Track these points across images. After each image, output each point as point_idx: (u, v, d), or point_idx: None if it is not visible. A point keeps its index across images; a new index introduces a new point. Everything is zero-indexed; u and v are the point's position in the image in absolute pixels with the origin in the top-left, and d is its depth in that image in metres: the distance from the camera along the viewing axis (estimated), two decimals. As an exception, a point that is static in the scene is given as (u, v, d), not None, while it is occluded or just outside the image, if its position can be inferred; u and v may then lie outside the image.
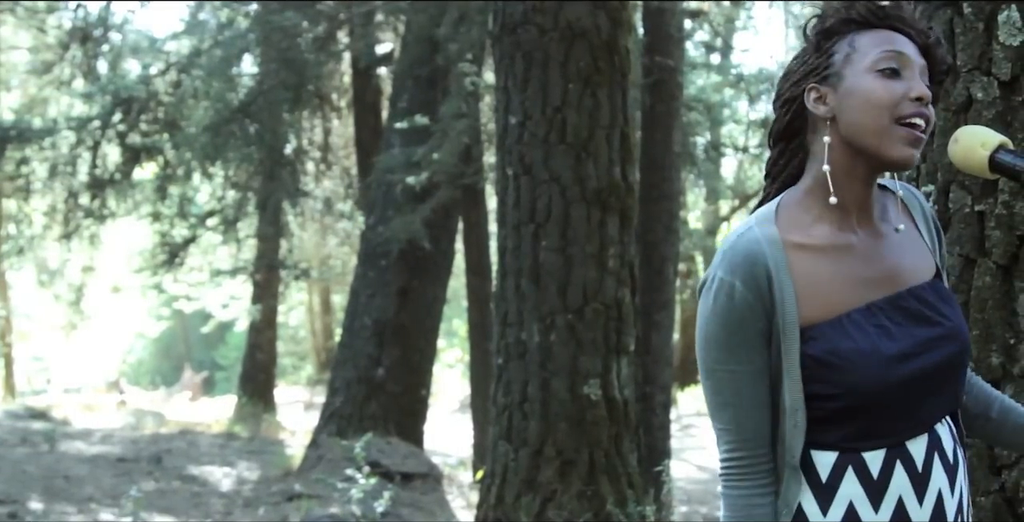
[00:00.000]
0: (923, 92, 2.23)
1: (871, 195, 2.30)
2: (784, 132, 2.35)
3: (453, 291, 19.79)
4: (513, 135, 7.55)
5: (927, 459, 2.24)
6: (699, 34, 19.04)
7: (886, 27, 2.29)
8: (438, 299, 13.51)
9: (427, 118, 11.88)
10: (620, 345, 7.41)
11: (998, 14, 3.19)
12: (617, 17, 7.64)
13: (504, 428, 7.40)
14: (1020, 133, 3.12)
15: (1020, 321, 3.09)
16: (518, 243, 7.46)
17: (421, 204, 12.18)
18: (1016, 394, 3.07)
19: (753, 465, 2.24)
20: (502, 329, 7.50)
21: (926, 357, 2.23)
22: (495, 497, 7.34)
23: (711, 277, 2.24)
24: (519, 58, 7.56)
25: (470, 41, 11.92)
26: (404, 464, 11.17)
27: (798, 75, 2.33)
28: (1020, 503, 3.04)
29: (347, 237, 21.30)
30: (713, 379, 2.25)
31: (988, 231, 3.14)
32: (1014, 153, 2.29)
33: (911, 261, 2.34)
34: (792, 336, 2.20)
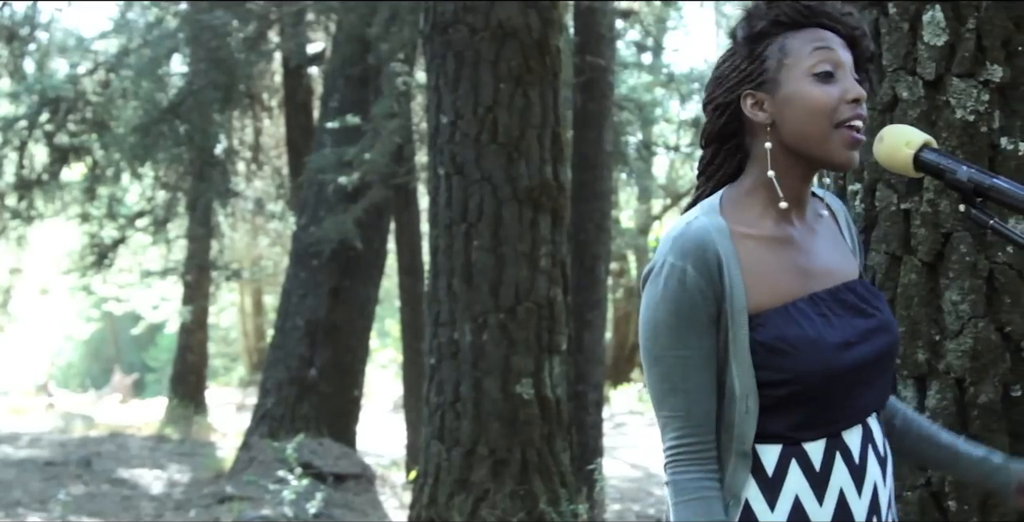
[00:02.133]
0: (859, 93, 2.27)
1: (808, 190, 2.36)
2: (718, 134, 2.38)
3: (386, 291, 19.76)
4: (444, 135, 7.54)
5: (862, 451, 2.29)
6: (630, 34, 19.12)
7: (813, 25, 2.32)
8: (370, 299, 13.48)
9: (359, 118, 11.86)
10: (552, 344, 7.42)
11: (923, 14, 3.22)
12: (548, 17, 7.64)
13: (437, 428, 7.38)
14: (944, 132, 3.15)
15: (945, 318, 3.13)
16: (450, 243, 7.45)
17: (353, 204, 12.15)
18: (942, 390, 3.11)
19: (703, 451, 2.25)
20: (434, 329, 7.49)
21: (865, 347, 2.28)
22: (428, 497, 7.33)
23: (660, 263, 2.25)
24: (450, 57, 7.55)
25: (401, 40, 11.90)
26: (337, 465, 11.13)
27: (732, 81, 2.34)
28: (946, 497, 3.08)
29: (279, 237, 21.20)
30: (662, 365, 2.25)
31: (914, 229, 3.18)
32: (938, 152, 2.32)
33: (840, 259, 2.40)
34: (741, 322, 2.23)
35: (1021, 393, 3.09)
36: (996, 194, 2.23)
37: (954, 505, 3.07)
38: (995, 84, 3.16)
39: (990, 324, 3.10)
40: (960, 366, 3.10)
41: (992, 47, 3.17)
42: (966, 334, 3.10)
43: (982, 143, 3.14)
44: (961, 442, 2.57)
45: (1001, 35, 3.18)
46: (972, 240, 3.12)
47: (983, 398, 3.08)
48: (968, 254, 3.12)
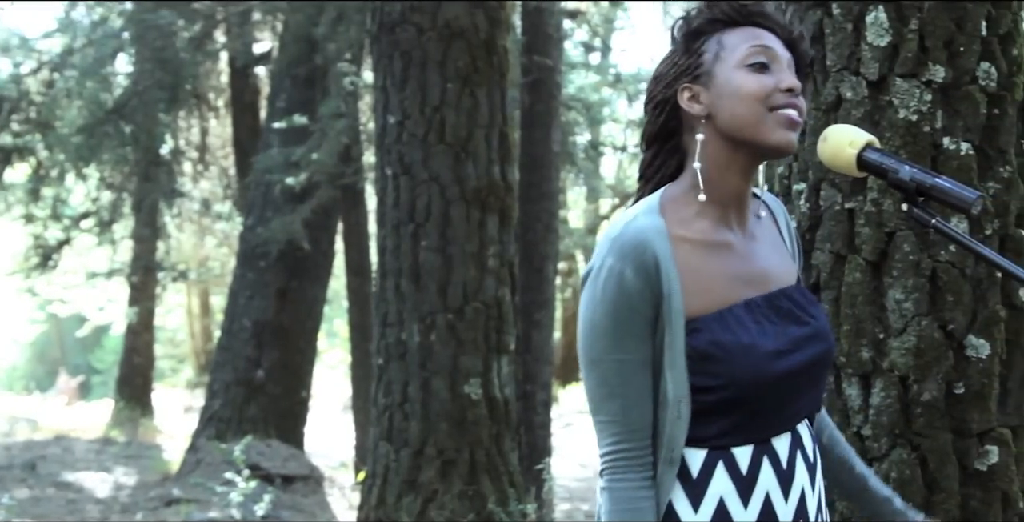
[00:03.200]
0: (793, 83, 2.28)
1: (748, 189, 2.35)
2: (658, 134, 2.38)
3: (334, 292, 19.70)
4: (392, 135, 7.52)
5: (791, 457, 2.30)
6: (578, 34, 19.15)
7: (750, 24, 2.33)
8: (318, 300, 13.44)
9: (306, 118, 11.82)
10: (500, 344, 7.42)
11: (866, 15, 3.24)
12: (495, 17, 7.64)
13: (385, 429, 7.37)
14: (888, 132, 3.18)
15: (889, 316, 3.16)
16: (398, 243, 7.44)
17: (300, 204, 12.11)
18: (886, 388, 3.13)
19: (639, 457, 2.24)
20: (382, 329, 7.47)
21: (798, 355, 2.28)
22: (376, 498, 7.31)
23: (599, 265, 2.24)
24: (397, 57, 7.53)
25: (348, 40, 11.88)
26: (285, 466, 11.09)
27: (669, 77, 2.35)
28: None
29: (225, 238, 21.08)
30: (599, 369, 2.24)
31: (858, 228, 3.20)
32: (881, 152, 2.34)
33: (779, 264, 2.40)
34: (677, 326, 2.22)
35: (964, 390, 3.12)
36: (938, 193, 2.25)
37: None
38: (937, 84, 3.19)
39: (933, 322, 3.13)
40: (904, 364, 3.12)
41: (934, 48, 3.20)
42: (910, 332, 3.13)
43: (925, 143, 3.17)
44: (872, 476, 2.61)
45: (943, 36, 3.20)
46: (915, 239, 3.14)
47: (926, 395, 3.11)
48: (911, 253, 3.14)
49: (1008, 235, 3.23)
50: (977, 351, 3.14)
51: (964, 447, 3.12)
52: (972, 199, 2.22)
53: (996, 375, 3.16)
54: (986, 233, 3.18)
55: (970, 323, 3.14)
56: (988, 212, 3.18)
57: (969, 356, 3.14)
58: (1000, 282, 3.18)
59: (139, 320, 19.36)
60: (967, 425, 3.12)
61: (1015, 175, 3.26)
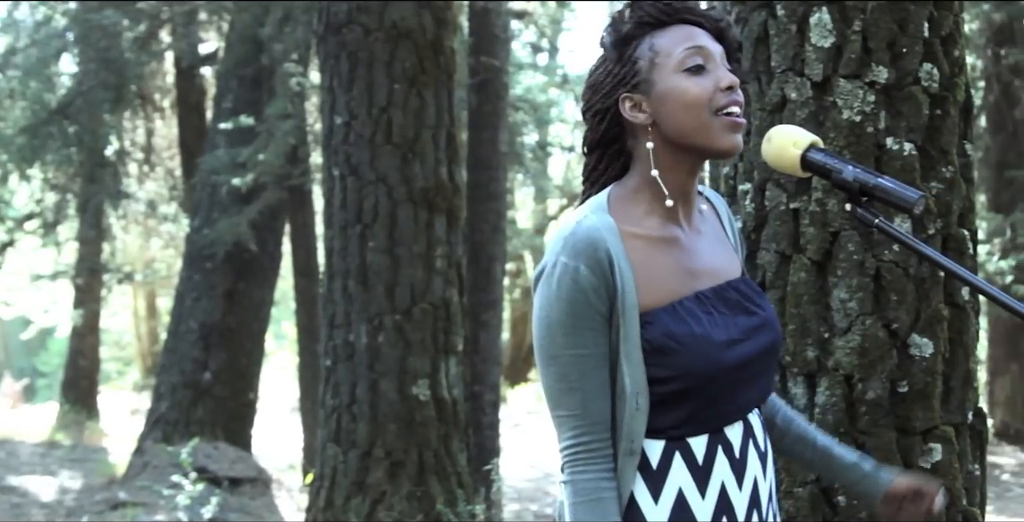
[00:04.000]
0: (732, 81, 2.30)
1: (694, 185, 2.38)
2: (600, 140, 2.40)
3: (282, 293, 19.59)
4: (339, 135, 7.50)
5: (743, 446, 2.34)
6: (525, 35, 19.16)
7: (678, 22, 2.34)
8: (265, 302, 13.37)
9: (252, 118, 11.77)
10: (448, 345, 7.41)
11: (810, 16, 3.27)
12: (442, 17, 7.64)
13: (333, 430, 7.35)
14: (832, 132, 3.20)
15: (834, 315, 3.18)
16: (345, 244, 7.41)
17: (247, 206, 12.04)
18: (831, 387, 3.15)
19: (600, 449, 2.26)
20: (330, 331, 7.45)
21: (749, 344, 2.32)
22: (324, 500, 7.29)
23: (552, 263, 2.26)
24: (344, 58, 7.51)
25: (295, 41, 11.83)
26: (232, 469, 11.02)
27: (607, 86, 2.36)
28: (835, 493, 3.13)
29: (172, 239, 20.92)
30: (557, 365, 2.26)
31: (803, 228, 3.22)
32: (825, 152, 2.36)
33: (724, 258, 2.44)
34: (632, 320, 2.25)
35: (908, 389, 3.15)
36: (881, 193, 2.27)
37: (843, 501, 3.12)
38: (881, 85, 3.22)
39: (877, 321, 3.15)
40: (848, 363, 3.15)
41: (877, 49, 3.22)
42: (854, 331, 3.15)
43: (868, 143, 3.19)
44: (836, 445, 2.64)
45: (886, 37, 3.23)
46: (860, 239, 3.16)
47: (871, 394, 3.13)
48: (856, 253, 3.17)
49: (951, 234, 3.26)
50: (921, 350, 3.16)
51: (908, 445, 3.15)
52: (914, 199, 2.24)
53: (939, 373, 3.18)
54: (929, 233, 3.21)
55: (914, 322, 3.17)
56: (931, 212, 3.21)
57: (913, 355, 3.16)
58: (943, 281, 3.21)
59: (84, 322, 19.18)
60: (911, 423, 3.15)
61: (957, 175, 3.29)
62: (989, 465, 13.81)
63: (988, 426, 3.45)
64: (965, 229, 3.30)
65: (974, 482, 3.28)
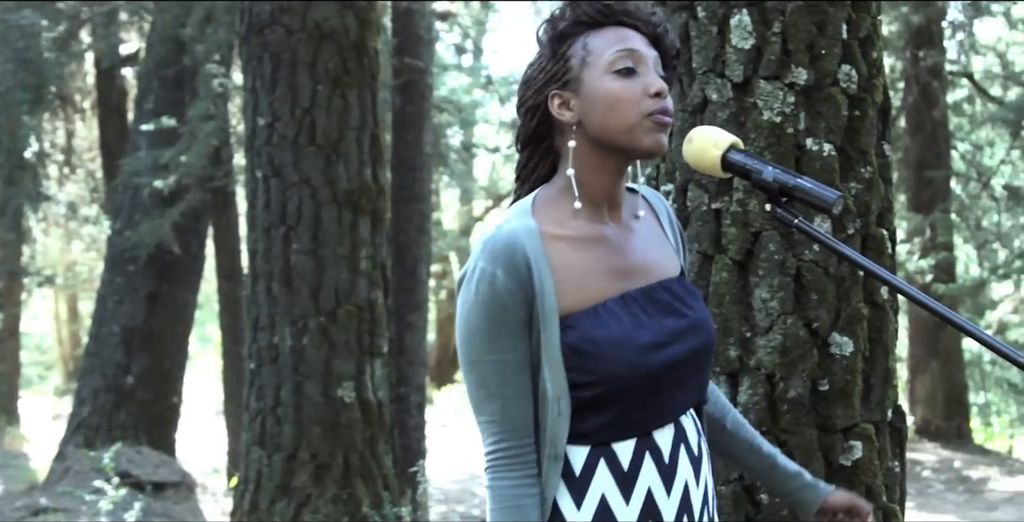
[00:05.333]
0: (660, 86, 2.30)
1: (621, 186, 2.37)
2: (531, 137, 2.39)
3: (205, 296, 19.44)
4: (262, 137, 7.46)
5: (673, 450, 2.32)
6: (450, 36, 19.16)
7: (615, 23, 2.34)
8: (189, 304, 13.25)
9: (174, 120, 11.65)
10: (373, 347, 7.39)
11: (730, 18, 3.29)
12: (365, 18, 7.62)
13: (257, 433, 7.30)
14: (752, 133, 3.22)
15: (755, 315, 3.20)
16: (269, 246, 7.37)
17: (170, 208, 11.93)
18: (753, 385, 3.17)
19: (521, 455, 2.25)
20: (254, 333, 7.40)
21: (676, 347, 2.31)
22: (249, 504, 7.24)
23: (471, 268, 2.25)
24: (267, 59, 7.47)
25: (217, 42, 11.73)
26: (156, 473, 10.92)
27: (539, 82, 2.35)
28: (758, 491, 3.15)
29: (93, 242, 20.72)
30: (477, 370, 2.26)
31: (724, 228, 3.24)
32: (745, 153, 2.37)
33: (659, 257, 2.42)
34: (552, 324, 2.24)
35: (828, 387, 3.18)
36: (800, 194, 2.28)
37: (766, 498, 3.14)
38: (800, 86, 3.24)
39: (798, 320, 3.18)
40: (770, 362, 3.17)
41: (797, 50, 3.25)
42: (775, 330, 3.17)
43: (788, 144, 3.22)
44: (779, 455, 2.65)
45: (805, 39, 3.26)
46: (780, 239, 3.19)
47: (792, 393, 3.16)
48: (777, 252, 3.19)
49: (870, 234, 3.29)
50: (841, 348, 3.20)
51: (829, 443, 3.18)
52: (833, 199, 2.26)
53: (859, 372, 3.22)
54: (848, 232, 3.25)
55: (834, 321, 3.20)
56: (850, 212, 3.25)
57: (833, 353, 3.19)
58: (863, 280, 3.24)
59: (4, 326, 18.93)
60: (832, 421, 3.18)
61: (876, 175, 3.32)
62: (910, 462, 14.01)
63: (908, 423, 3.49)
64: (884, 229, 3.34)
65: (894, 479, 3.32)
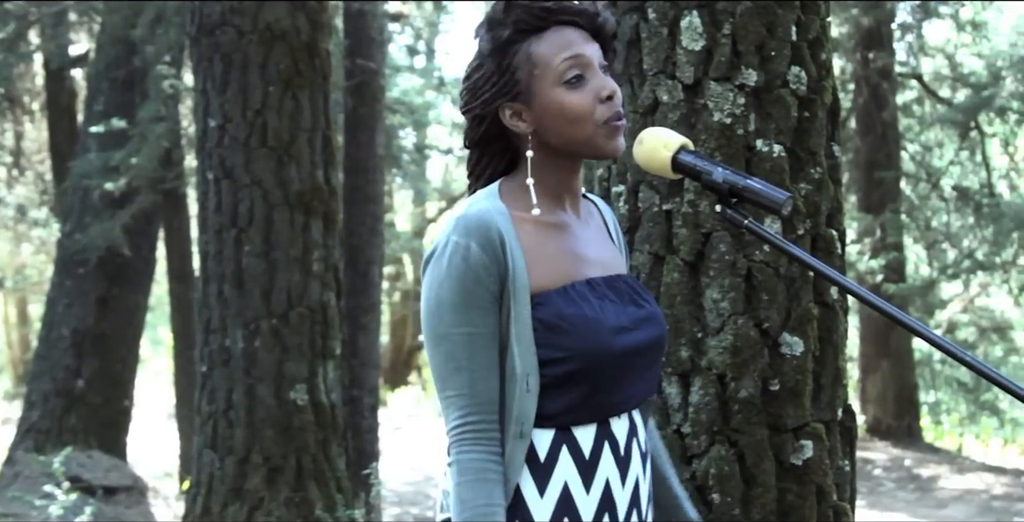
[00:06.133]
0: (611, 89, 2.32)
1: (578, 180, 2.41)
2: (481, 140, 2.40)
3: (157, 298, 19.32)
4: (213, 138, 7.41)
5: (628, 444, 2.35)
6: (402, 37, 19.12)
7: (555, 24, 2.34)
8: (140, 307, 13.16)
9: (125, 121, 11.57)
10: (326, 349, 7.36)
11: (681, 20, 3.30)
12: (317, 19, 7.59)
13: (209, 437, 7.26)
14: (703, 134, 3.24)
15: (706, 315, 3.21)
16: (220, 248, 7.33)
17: (120, 210, 11.84)
18: (704, 386, 3.19)
19: (488, 430, 2.26)
20: (205, 336, 7.36)
21: (638, 334, 2.34)
22: (201, 507, 7.20)
23: (443, 242, 2.26)
24: (218, 60, 7.43)
25: (168, 42, 11.66)
26: (107, 478, 10.85)
27: (486, 93, 2.35)
28: (710, 490, 3.16)
29: (43, 245, 20.54)
30: (446, 344, 2.26)
31: (675, 229, 3.26)
32: (695, 154, 2.38)
33: (611, 254, 2.46)
34: (523, 301, 2.26)
35: (779, 387, 3.20)
36: (750, 195, 2.30)
37: (718, 498, 3.16)
38: (750, 88, 3.26)
39: (749, 321, 3.20)
40: (721, 362, 3.18)
41: (747, 52, 3.27)
42: (727, 331, 3.19)
43: (739, 145, 3.24)
44: (685, 500, 2.66)
45: (755, 40, 3.28)
46: (731, 239, 3.21)
47: (743, 393, 3.17)
48: (727, 253, 3.21)
49: (819, 234, 3.32)
50: (791, 348, 3.22)
51: (780, 442, 3.20)
52: (782, 200, 2.27)
53: (810, 371, 3.24)
54: (798, 233, 3.27)
55: (784, 321, 3.22)
56: (800, 212, 3.26)
57: (784, 353, 3.21)
58: (813, 281, 3.26)
59: (-48, 330, 18.77)
60: (782, 421, 3.20)
61: (825, 176, 3.35)
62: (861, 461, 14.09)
63: (858, 423, 3.52)
64: (833, 229, 3.36)
65: (844, 478, 3.34)
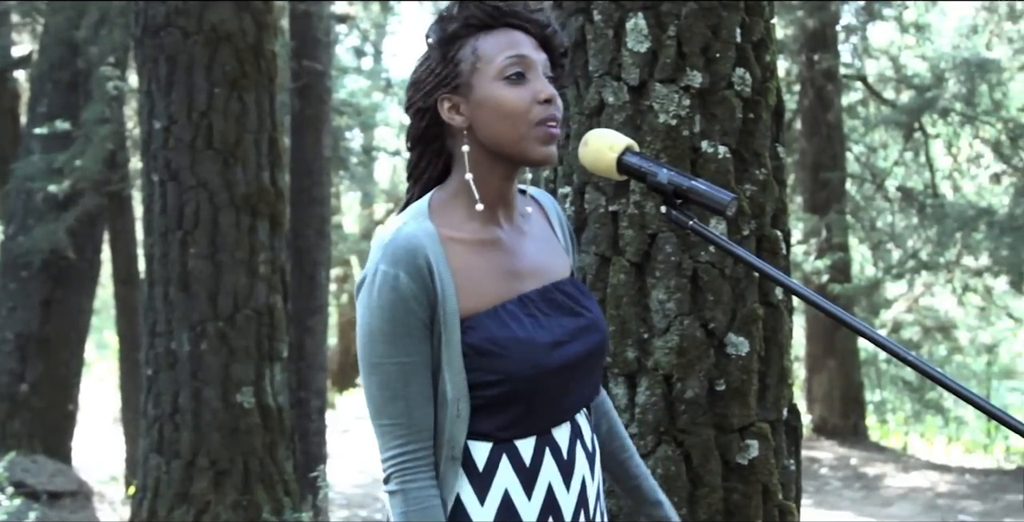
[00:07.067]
0: (550, 93, 2.31)
1: (513, 189, 2.38)
2: (421, 137, 2.39)
3: (102, 302, 19.18)
4: (158, 140, 7.36)
5: (571, 447, 2.35)
6: (349, 39, 19.08)
7: (504, 25, 2.34)
8: (85, 310, 13.05)
9: (69, 123, 11.48)
10: (273, 352, 7.33)
11: (626, 22, 3.31)
12: (263, 20, 7.55)
13: (155, 440, 7.21)
14: (649, 136, 3.25)
15: (653, 316, 3.22)
16: (166, 251, 7.28)
17: (64, 212, 11.75)
18: (651, 386, 3.20)
19: (427, 457, 2.26)
20: (151, 339, 7.31)
21: (574, 345, 2.33)
22: (147, 512, 7.15)
23: (372, 271, 2.25)
24: (163, 61, 7.38)
25: (112, 44, 11.58)
26: (51, 482, 10.75)
27: (428, 85, 2.35)
28: (657, 490, 3.17)
29: (-14, 248, 20.31)
30: (380, 373, 2.25)
31: (622, 230, 3.26)
32: (640, 155, 2.38)
33: (551, 258, 2.45)
34: (453, 326, 2.25)
35: (725, 387, 3.21)
36: (695, 196, 2.30)
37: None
38: (695, 89, 3.27)
39: (695, 321, 3.21)
40: (667, 362, 3.19)
41: (692, 54, 3.28)
42: (673, 331, 3.20)
43: (684, 146, 3.25)
44: (648, 479, 2.68)
45: (700, 42, 3.29)
46: (677, 241, 3.22)
47: (689, 393, 3.19)
48: (673, 254, 3.22)
49: (764, 235, 3.33)
50: (737, 348, 3.23)
51: (726, 442, 3.21)
52: (727, 201, 2.28)
53: (755, 371, 3.26)
54: (744, 234, 3.28)
55: (730, 322, 3.23)
56: (745, 213, 3.28)
57: (729, 354, 3.23)
58: (758, 281, 3.28)
59: None
60: (728, 421, 3.21)
61: (770, 177, 3.36)
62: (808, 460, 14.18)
63: (804, 422, 3.54)
64: (778, 230, 3.38)
65: (789, 477, 3.36)
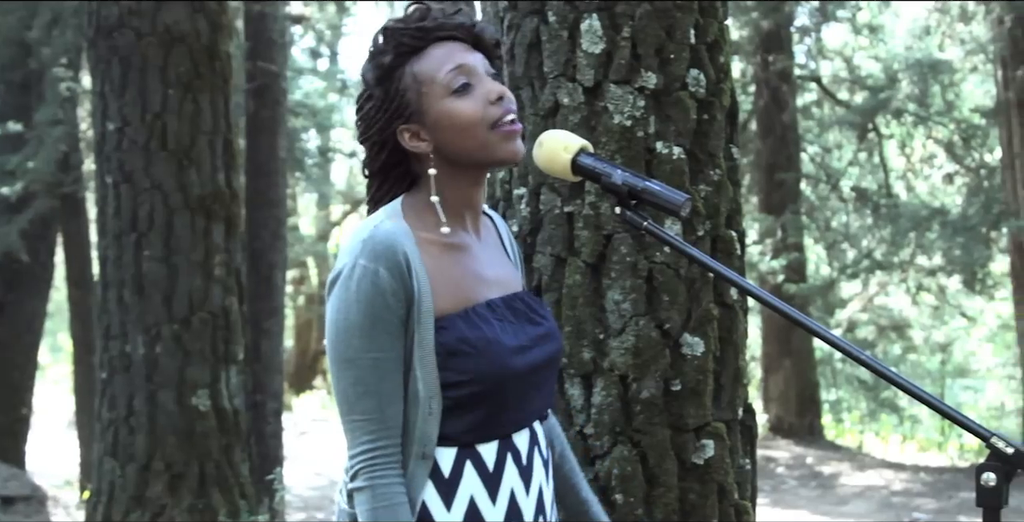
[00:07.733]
0: (499, 91, 2.33)
1: (481, 193, 2.42)
2: (383, 168, 2.40)
3: (56, 305, 19.05)
4: (112, 142, 7.32)
5: (529, 453, 2.38)
6: (304, 40, 19.03)
7: (433, 41, 2.35)
8: (38, 313, 12.97)
9: (21, 125, 11.41)
10: (228, 354, 7.30)
11: (581, 23, 3.31)
12: (217, 21, 7.52)
13: (110, 444, 7.17)
14: (604, 137, 3.25)
15: (608, 317, 3.23)
16: (120, 253, 7.24)
17: (17, 215, 11.67)
18: (607, 387, 3.20)
19: (396, 455, 2.27)
20: (105, 342, 7.26)
21: (536, 351, 2.37)
22: (102, 516, 7.10)
23: (350, 266, 2.25)
24: (116, 62, 7.33)
25: (64, 44, 11.52)
26: (5, 487, 10.68)
27: (381, 120, 2.35)
28: (613, 491, 3.18)
29: (-62, 251, 20.14)
30: (353, 368, 2.25)
31: (577, 231, 3.26)
32: (594, 156, 2.39)
33: (508, 271, 2.49)
34: (427, 325, 2.26)
35: (681, 387, 3.22)
36: (649, 196, 2.31)
37: (621, 498, 3.17)
38: (650, 90, 3.28)
39: (651, 322, 3.21)
40: (623, 363, 3.20)
41: (646, 55, 3.29)
42: (628, 332, 3.20)
43: (639, 147, 3.26)
44: (594, 504, 2.71)
45: (654, 43, 3.30)
46: (632, 241, 3.22)
47: (645, 393, 3.19)
48: (629, 255, 3.22)
49: (719, 236, 3.34)
50: (692, 349, 3.24)
51: (682, 442, 3.22)
52: (681, 202, 2.29)
53: (711, 371, 3.26)
54: (698, 234, 3.29)
55: (685, 322, 3.24)
56: (699, 214, 3.29)
57: (685, 354, 3.23)
58: (713, 282, 3.29)
59: None
60: (684, 421, 3.22)
61: (724, 178, 3.38)
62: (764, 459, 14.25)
63: (759, 421, 3.55)
64: (733, 230, 3.39)
65: (745, 476, 3.37)
